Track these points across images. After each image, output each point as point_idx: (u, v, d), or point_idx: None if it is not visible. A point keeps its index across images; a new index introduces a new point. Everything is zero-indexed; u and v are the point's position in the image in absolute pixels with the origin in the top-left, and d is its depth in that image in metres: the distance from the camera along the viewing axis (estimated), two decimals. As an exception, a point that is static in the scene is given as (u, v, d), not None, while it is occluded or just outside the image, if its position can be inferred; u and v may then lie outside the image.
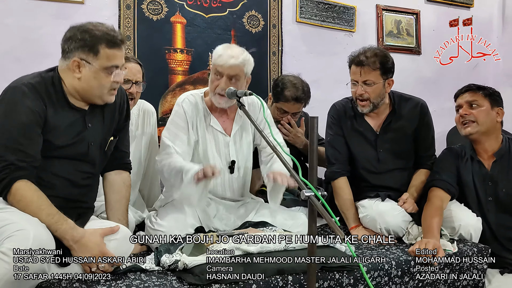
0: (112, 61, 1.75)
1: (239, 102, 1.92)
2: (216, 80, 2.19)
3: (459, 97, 2.37)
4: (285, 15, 3.41)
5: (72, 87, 1.77)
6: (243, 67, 2.19)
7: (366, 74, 2.34)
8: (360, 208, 2.37)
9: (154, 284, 1.62)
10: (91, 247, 1.64)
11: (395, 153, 2.45)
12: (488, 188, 2.28)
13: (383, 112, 2.47)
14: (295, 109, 2.70)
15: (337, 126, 2.51)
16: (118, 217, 1.93)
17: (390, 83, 2.41)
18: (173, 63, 3.05)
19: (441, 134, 3.60)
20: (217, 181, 2.29)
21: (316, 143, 1.53)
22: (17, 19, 2.68)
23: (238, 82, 2.19)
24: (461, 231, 2.21)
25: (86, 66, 1.73)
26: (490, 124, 2.28)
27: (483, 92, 2.31)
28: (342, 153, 2.48)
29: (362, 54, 2.36)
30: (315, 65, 3.43)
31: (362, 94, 2.37)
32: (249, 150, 2.38)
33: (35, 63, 2.62)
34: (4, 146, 1.63)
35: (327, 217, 1.34)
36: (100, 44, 1.72)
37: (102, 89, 1.78)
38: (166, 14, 3.02)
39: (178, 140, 2.21)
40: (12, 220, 1.54)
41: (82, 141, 1.80)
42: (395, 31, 3.85)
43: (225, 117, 2.33)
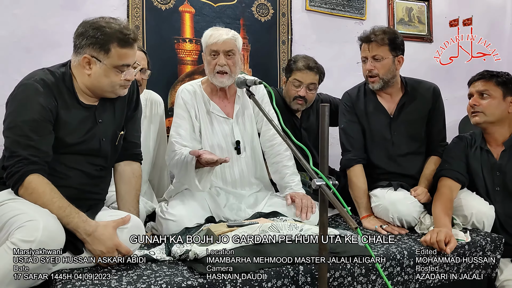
0: (124, 60, 1.75)
1: (249, 91, 1.90)
2: (213, 59, 2.25)
3: (471, 84, 2.33)
4: (294, 3, 3.36)
5: (82, 83, 1.77)
6: (235, 41, 2.27)
7: (375, 49, 2.37)
8: (372, 198, 2.35)
9: (165, 274, 1.61)
10: (104, 240, 1.64)
11: (409, 136, 2.44)
12: (496, 177, 2.25)
13: (396, 94, 2.47)
14: (309, 79, 2.72)
15: (351, 113, 2.50)
16: (129, 208, 1.93)
17: (400, 60, 2.41)
18: (182, 53, 3.03)
19: (453, 123, 3.56)
20: (227, 165, 2.29)
21: (327, 131, 1.51)
22: (26, 10, 2.67)
23: (235, 57, 2.27)
24: (474, 219, 2.18)
25: (96, 64, 1.73)
26: (500, 114, 2.24)
27: (496, 80, 2.25)
28: (357, 140, 2.46)
29: (371, 32, 2.40)
30: (325, 54, 3.38)
31: (372, 69, 2.38)
32: (252, 127, 2.39)
33: (44, 53, 2.65)
34: (17, 142, 1.64)
35: (338, 206, 1.32)
36: (112, 42, 1.71)
37: (113, 86, 1.78)
38: (175, 4, 2.99)
39: (182, 130, 2.24)
40: (23, 210, 1.54)
41: (93, 137, 1.80)
42: (406, 18, 3.79)
43: (226, 101, 2.36)
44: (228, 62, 2.24)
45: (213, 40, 2.24)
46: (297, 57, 2.82)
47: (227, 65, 2.24)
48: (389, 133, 2.44)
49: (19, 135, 1.64)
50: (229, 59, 2.25)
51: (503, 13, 4.17)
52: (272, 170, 2.43)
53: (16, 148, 1.63)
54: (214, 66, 2.25)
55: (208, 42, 2.26)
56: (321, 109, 1.50)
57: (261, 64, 3.23)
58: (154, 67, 2.77)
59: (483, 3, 4.03)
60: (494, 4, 4.07)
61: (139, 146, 2.05)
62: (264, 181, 2.45)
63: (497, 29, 4.09)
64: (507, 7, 4.19)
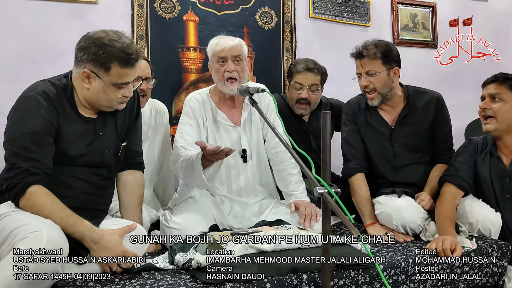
0: (123, 79, 1.75)
1: (252, 99, 1.90)
2: (221, 66, 2.26)
3: (485, 87, 2.27)
4: (298, 10, 3.37)
5: (82, 96, 1.78)
6: (241, 47, 2.30)
7: (368, 64, 2.35)
8: (376, 205, 2.33)
9: (168, 283, 1.61)
10: (110, 247, 1.64)
11: (411, 147, 2.42)
12: (505, 184, 2.21)
13: (397, 105, 2.45)
14: (310, 80, 2.73)
15: (352, 123, 2.49)
16: (132, 216, 1.94)
17: (396, 72, 2.38)
18: (186, 61, 3.04)
19: (459, 129, 3.53)
20: (233, 173, 2.30)
21: (329, 139, 1.51)
22: (31, 20, 2.70)
23: (242, 63, 2.28)
24: (479, 226, 2.16)
25: (96, 79, 1.73)
26: (511, 120, 2.19)
27: (510, 84, 2.19)
28: (358, 149, 2.45)
29: (362, 47, 2.37)
30: (329, 61, 3.37)
31: (367, 85, 2.36)
32: (258, 133, 2.39)
33: (50, 63, 2.67)
34: (16, 154, 1.64)
35: (341, 214, 1.31)
36: (113, 62, 1.71)
37: (111, 102, 1.79)
38: (179, 13, 3.02)
39: (188, 137, 2.23)
40: (27, 221, 1.54)
41: (95, 150, 1.81)
42: (411, 24, 3.78)
43: (233, 110, 2.36)
44: (237, 68, 2.25)
45: (220, 47, 2.25)
46: (297, 60, 2.87)
47: (236, 71, 2.25)
48: (390, 144, 2.43)
49: (20, 147, 1.65)
50: (237, 65, 2.26)
51: (508, 18, 4.15)
52: (277, 177, 2.43)
53: (16, 160, 1.63)
54: (223, 73, 2.25)
55: (215, 50, 2.27)
56: (322, 117, 1.49)
57: (265, 71, 3.23)
58: (158, 76, 2.79)
59: (488, 8, 4.01)
60: (498, 9, 4.05)
61: (141, 155, 2.06)
62: (270, 188, 2.44)
63: (502, 34, 4.06)
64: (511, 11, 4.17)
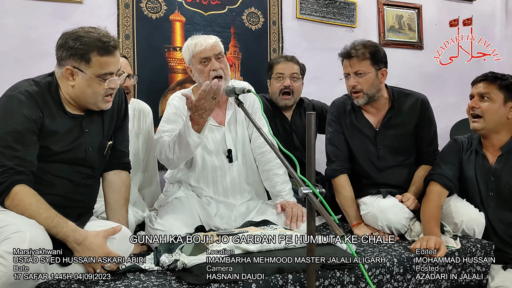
0: (105, 69, 1.73)
1: (238, 99, 1.90)
2: (205, 67, 2.22)
3: (474, 85, 2.27)
4: (285, 11, 3.38)
5: (67, 94, 1.77)
6: (220, 44, 2.28)
7: (356, 64, 2.34)
8: (361, 205, 2.35)
9: (153, 284, 1.60)
10: (94, 248, 1.63)
11: (395, 149, 2.43)
12: (490, 182, 2.23)
13: (382, 108, 2.45)
14: (290, 69, 2.84)
15: (337, 123, 2.49)
16: (118, 217, 1.92)
17: (383, 73, 2.38)
18: (172, 61, 3.03)
19: (444, 129, 3.57)
20: (219, 174, 2.30)
21: (314, 139, 1.51)
22: (15, 19, 2.67)
23: (224, 60, 2.26)
24: (464, 226, 2.18)
25: (79, 74, 1.72)
26: (498, 120, 2.19)
27: (499, 84, 2.18)
28: (342, 151, 2.46)
29: (351, 47, 2.37)
30: (316, 62, 3.40)
31: (355, 85, 2.36)
32: (244, 132, 2.38)
33: (34, 62, 2.64)
34: (1, 153, 1.63)
35: (325, 215, 1.32)
36: (92, 51, 1.69)
37: (97, 96, 1.76)
38: (165, 13, 3.00)
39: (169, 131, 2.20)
40: (9, 221, 1.53)
41: (79, 147, 1.79)
42: (397, 26, 3.81)
43: (218, 109, 2.33)
44: (221, 66, 2.22)
45: (200, 48, 2.21)
46: (274, 56, 3.12)
47: (221, 68, 2.21)
48: (374, 147, 2.43)
49: (3, 147, 1.63)
50: (220, 62, 2.22)
51: (493, 20, 4.20)
52: (263, 177, 2.42)
53: (1, 159, 1.62)
54: (209, 73, 2.20)
55: (195, 51, 2.22)
56: (307, 118, 1.50)
57: (252, 72, 3.23)
58: (144, 76, 2.77)
59: (473, 10, 4.05)
60: (483, 11, 4.10)
61: (128, 155, 2.04)
62: (256, 187, 2.43)
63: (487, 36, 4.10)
64: (496, 14, 4.23)
